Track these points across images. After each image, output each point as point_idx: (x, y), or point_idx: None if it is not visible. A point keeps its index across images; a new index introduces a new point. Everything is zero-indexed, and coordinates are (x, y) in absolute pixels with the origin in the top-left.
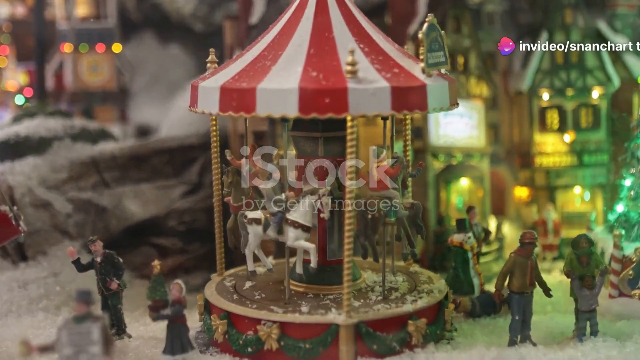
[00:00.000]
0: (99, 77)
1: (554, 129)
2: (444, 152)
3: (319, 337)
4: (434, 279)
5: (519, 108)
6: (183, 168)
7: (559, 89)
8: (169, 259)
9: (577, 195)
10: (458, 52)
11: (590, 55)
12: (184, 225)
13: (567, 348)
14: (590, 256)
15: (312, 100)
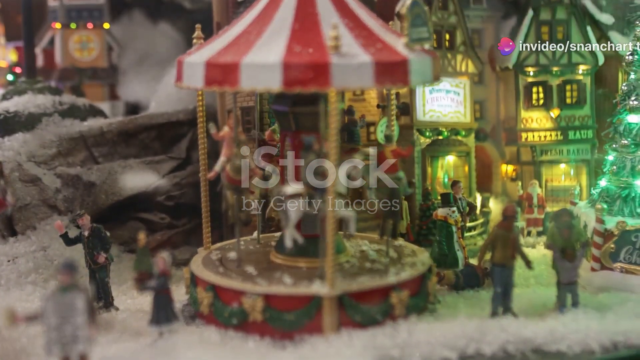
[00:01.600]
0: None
1: (540, 105)
2: (430, 128)
3: (303, 309)
4: (417, 252)
5: (505, 84)
6: (171, 144)
7: (544, 65)
8: (157, 233)
9: (562, 170)
10: (444, 29)
11: (575, 31)
12: (172, 200)
13: (548, 319)
14: (571, 229)
15: (296, 74)
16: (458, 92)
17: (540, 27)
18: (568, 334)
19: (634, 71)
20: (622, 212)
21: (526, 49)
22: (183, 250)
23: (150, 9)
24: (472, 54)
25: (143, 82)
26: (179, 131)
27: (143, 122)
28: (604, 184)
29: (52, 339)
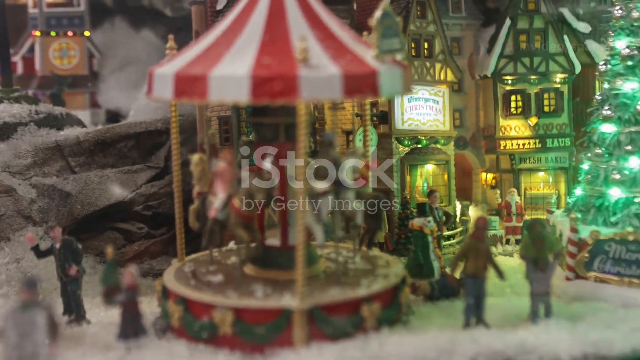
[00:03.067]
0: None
1: (518, 113)
2: (409, 137)
3: (273, 322)
4: (391, 263)
5: (484, 92)
6: (150, 153)
7: (522, 73)
8: (134, 244)
9: (540, 178)
10: (423, 38)
11: (553, 40)
12: (150, 210)
13: (520, 330)
14: (544, 239)
15: (264, 87)
16: (437, 101)
17: (518, 36)
18: (539, 345)
19: (608, 81)
20: (596, 221)
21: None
22: (161, 260)
23: (133, 16)
24: (451, 62)
25: (124, 90)
26: (157, 140)
27: (121, 131)
28: (579, 192)
29: (11, 357)
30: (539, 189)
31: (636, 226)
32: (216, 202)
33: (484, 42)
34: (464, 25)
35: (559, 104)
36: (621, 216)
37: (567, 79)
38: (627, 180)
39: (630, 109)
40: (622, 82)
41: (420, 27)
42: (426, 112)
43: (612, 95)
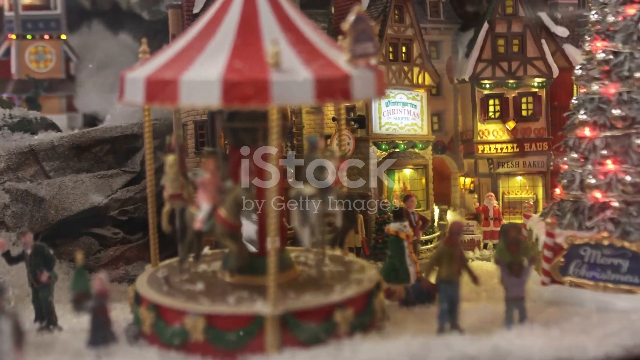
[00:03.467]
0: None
1: (496, 118)
2: (387, 141)
3: (245, 328)
4: (366, 268)
5: (462, 96)
6: (126, 157)
7: (500, 77)
8: (110, 249)
9: (518, 182)
10: (400, 42)
11: (531, 45)
12: (126, 215)
13: (493, 336)
14: (518, 244)
15: (235, 91)
16: (415, 105)
17: (496, 40)
18: (512, 350)
19: (584, 85)
20: (572, 225)
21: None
22: (137, 265)
23: (110, 20)
24: (429, 66)
25: (101, 93)
26: (133, 144)
27: (96, 135)
28: (555, 197)
29: None
30: (517, 193)
31: (611, 231)
32: (201, 214)
33: (463, 46)
34: (442, 29)
35: (537, 108)
36: (596, 220)
37: (545, 83)
38: (602, 184)
39: (606, 113)
40: (598, 87)
41: (398, 31)
42: (404, 116)
43: (587, 99)
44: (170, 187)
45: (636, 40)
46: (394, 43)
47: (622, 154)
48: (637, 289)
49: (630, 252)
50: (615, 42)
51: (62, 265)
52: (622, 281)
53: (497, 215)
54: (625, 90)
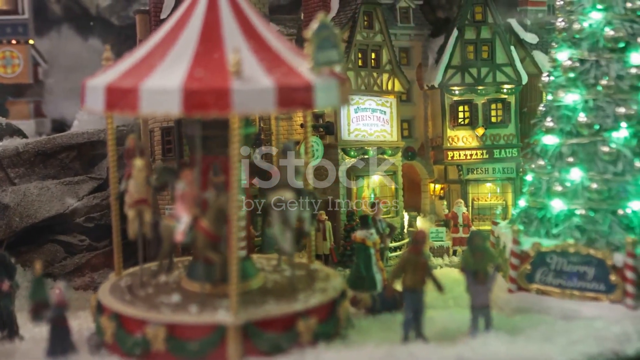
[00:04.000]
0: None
1: (465, 124)
2: (356, 147)
3: (207, 338)
4: (331, 277)
5: (432, 103)
6: (92, 164)
7: (469, 84)
8: (75, 256)
9: (488, 189)
10: (370, 48)
11: (500, 51)
12: (93, 222)
13: (458, 344)
14: (484, 252)
15: (195, 100)
16: (384, 111)
17: (465, 47)
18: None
19: (550, 92)
20: (539, 233)
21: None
22: (103, 273)
23: (80, 25)
24: (398, 72)
25: (70, 99)
26: (100, 151)
27: (62, 141)
28: (522, 204)
29: None
30: (487, 200)
31: (577, 238)
32: (181, 225)
33: (433, 53)
34: (412, 36)
35: (506, 115)
36: (563, 228)
37: (514, 90)
38: (568, 192)
39: (572, 120)
40: (564, 94)
41: (367, 37)
42: (373, 122)
43: (554, 107)
44: (137, 192)
45: (602, 47)
46: (363, 49)
47: (588, 162)
48: (602, 296)
49: (596, 259)
50: (581, 50)
51: (27, 274)
52: (588, 289)
53: (467, 221)
54: (591, 98)
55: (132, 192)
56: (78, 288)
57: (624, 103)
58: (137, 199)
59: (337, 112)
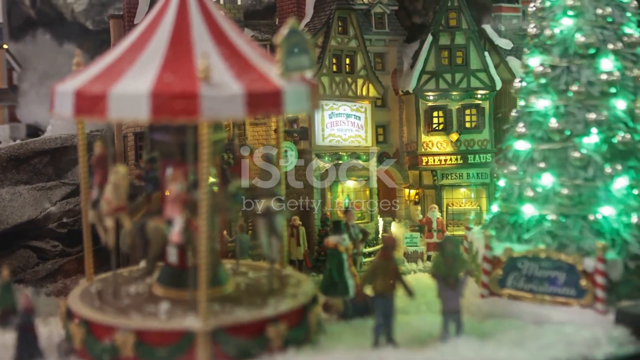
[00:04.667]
0: None
1: (440, 129)
2: (330, 153)
3: (176, 344)
4: (302, 282)
5: (407, 108)
6: (66, 169)
7: (444, 89)
8: (48, 262)
9: (462, 194)
10: (344, 54)
11: (474, 56)
12: (65, 227)
13: (427, 349)
14: (455, 258)
15: (164, 105)
16: (359, 116)
17: (439, 52)
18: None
19: (522, 98)
20: (511, 238)
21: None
22: (76, 279)
23: (55, 29)
24: (373, 78)
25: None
26: (73, 156)
27: (35, 146)
28: (495, 209)
29: None
30: (461, 205)
31: (548, 243)
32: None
33: (408, 58)
34: (387, 41)
35: (480, 120)
36: (534, 233)
37: (488, 95)
38: (539, 197)
39: (544, 126)
40: (536, 100)
41: (341, 42)
42: (347, 127)
43: (526, 112)
44: (117, 199)
45: (573, 54)
46: (337, 54)
47: (559, 167)
48: (573, 301)
49: (567, 264)
50: (552, 56)
51: None
52: (558, 294)
53: (441, 227)
54: (562, 104)
55: (110, 199)
56: (50, 294)
57: (594, 109)
58: (116, 206)
59: (311, 117)
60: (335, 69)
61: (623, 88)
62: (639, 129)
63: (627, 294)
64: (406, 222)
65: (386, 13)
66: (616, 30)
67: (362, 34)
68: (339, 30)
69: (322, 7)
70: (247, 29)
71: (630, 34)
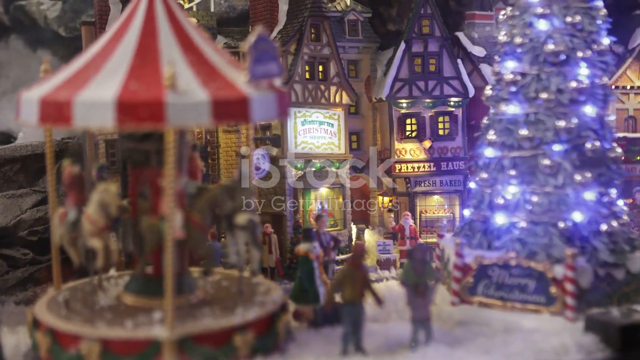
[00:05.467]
0: None
1: (413, 137)
2: (303, 160)
3: (142, 353)
4: (272, 290)
5: (381, 115)
6: (37, 176)
7: (417, 97)
8: (18, 270)
9: (435, 201)
10: (317, 61)
11: (447, 64)
12: (36, 235)
13: (396, 357)
14: (424, 265)
15: (129, 113)
16: (332, 124)
17: (413, 60)
18: None
19: (493, 106)
20: (482, 245)
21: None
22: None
23: (29, 36)
24: (346, 85)
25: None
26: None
27: (5, 154)
28: (467, 216)
29: None
30: (435, 212)
31: (518, 251)
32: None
33: (382, 65)
34: (360, 48)
35: (454, 128)
36: (504, 241)
37: (461, 103)
38: (510, 205)
39: (514, 133)
40: (506, 108)
41: (314, 50)
42: (320, 135)
43: (496, 120)
44: (103, 218)
45: (542, 61)
46: (310, 62)
47: (529, 175)
48: (543, 308)
49: (537, 272)
50: (522, 64)
51: None
52: (528, 301)
53: (414, 234)
54: (532, 112)
55: (96, 219)
56: (20, 302)
57: (564, 116)
58: (102, 226)
59: (283, 124)
60: (308, 76)
61: (592, 96)
62: (608, 136)
63: (597, 302)
64: (380, 230)
65: (360, 20)
66: (586, 38)
67: (335, 41)
68: (311, 38)
69: (295, 15)
70: (220, 36)
71: (599, 42)
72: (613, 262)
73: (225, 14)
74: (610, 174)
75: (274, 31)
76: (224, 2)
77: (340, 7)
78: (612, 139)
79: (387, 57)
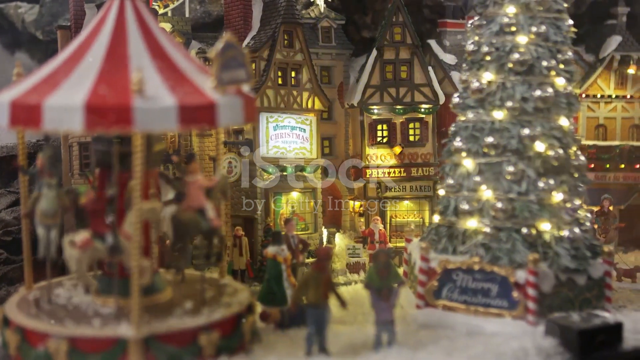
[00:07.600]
0: None
1: (384, 143)
2: (274, 164)
3: (109, 351)
4: (239, 291)
5: (353, 121)
6: (12, 177)
7: (388, 103)
8: None
9: (406, 206)
10: (289, 67)
11: (419, 71)
12: (11, 235)
13: (359, 358)
14: (389, 269)
15: (97, 117)
16: (304, 129)
17: (384, 67)
18: None
19: (459, 113)
20: (447, 250)
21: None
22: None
23: (7, 39)
24: (318, 91)
25: None
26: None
27: None
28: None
29: None
30: (404, 217)
31: (482, 256)
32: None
33: (355, 72)
34: (334, 55)
35: (424, 134)
36: (469, 245)
37: (432, 110)
38: (475, 210)
39: (479, 141)
40: (472, 115)
41: (287, 56)
42: (292, 140)
43: (463, 127)
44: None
45: (507, 70)
46: (282, 67)
47: (494, 181)
48: (505, 312)
49: (500, 276)
50: (488, 72)
51: None
52: (491, 305)
53: (383, 238)
54: (497, 120)
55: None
56: None
57: (528, 125)
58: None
59: (255, 129)
60: (280, 82)
61: (556, 105)
62: (572, 145)
63: (558, 306)
64: (351, 234)
65: (333, 27)
66: (551, 48)
67: (308, 47)
68: (284, 44)
69: (268, 21)
70: (195, 42)
71: (564, 52)
72: (574, 268)
73: (200, 19)
74: (574, 181)
75: (247, 37)
76: (199, 7)
77: (314, 14)
78: (578, 147)
79: (360, 64)
